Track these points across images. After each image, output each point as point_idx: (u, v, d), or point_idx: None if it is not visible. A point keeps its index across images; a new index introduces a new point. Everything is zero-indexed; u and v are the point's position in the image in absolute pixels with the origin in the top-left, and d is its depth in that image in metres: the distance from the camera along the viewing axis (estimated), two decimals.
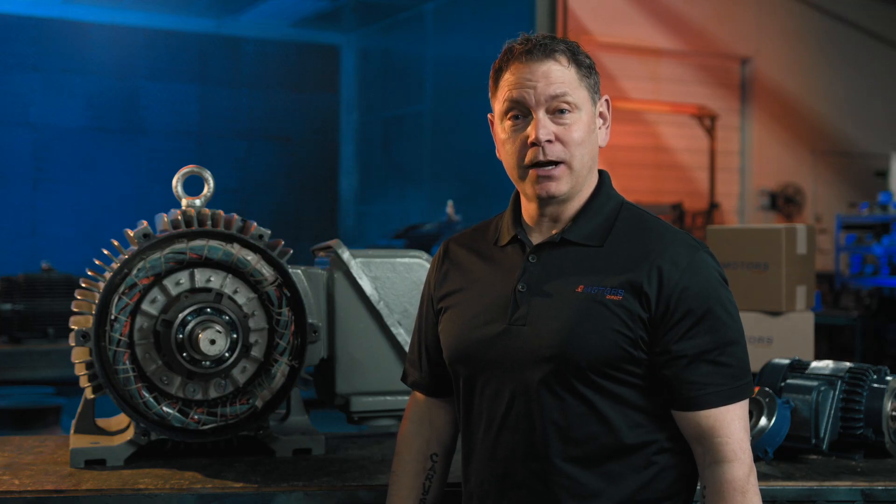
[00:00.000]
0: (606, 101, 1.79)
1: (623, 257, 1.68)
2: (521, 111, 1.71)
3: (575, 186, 1.72)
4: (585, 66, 1.73)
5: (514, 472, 1.69)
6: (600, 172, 1.81)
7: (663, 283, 1.64)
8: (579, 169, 1.71)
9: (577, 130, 1.70)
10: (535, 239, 1.76)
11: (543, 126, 1.68)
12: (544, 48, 1.70)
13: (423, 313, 1.91)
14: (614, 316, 1.63)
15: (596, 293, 1.65)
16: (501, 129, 1.75)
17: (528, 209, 1.78)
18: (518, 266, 1.74)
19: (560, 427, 1.65)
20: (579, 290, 1.66)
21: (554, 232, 1.75)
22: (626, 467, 1.66)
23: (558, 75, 1.70)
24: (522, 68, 1.71)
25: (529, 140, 1.69)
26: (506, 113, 1.73)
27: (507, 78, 1.73)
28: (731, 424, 1.64)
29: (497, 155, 1.82)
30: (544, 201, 1.73)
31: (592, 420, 1.64)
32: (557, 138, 1.69)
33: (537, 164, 1.69)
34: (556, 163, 1.69)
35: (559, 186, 1.70)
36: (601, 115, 1.77)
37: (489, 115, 1.83)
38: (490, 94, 1.79)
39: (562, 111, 1.69)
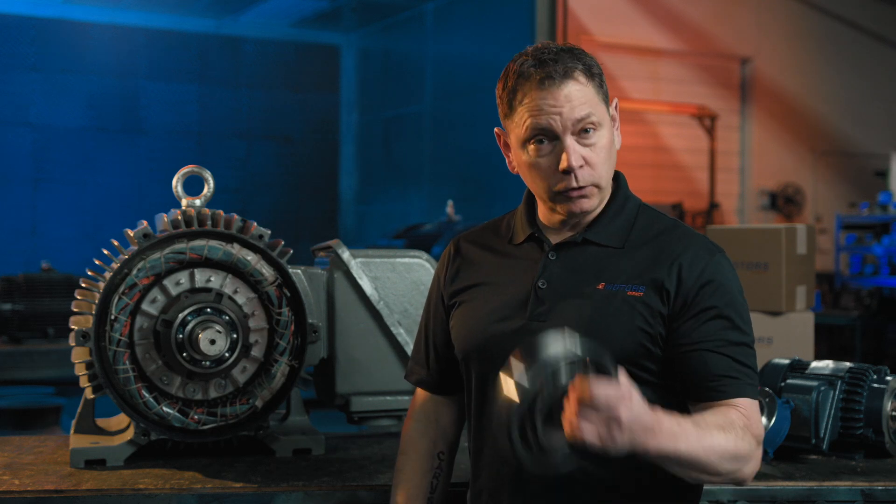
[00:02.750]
0: (615, 103, 1.80)
1: (643, 257, 1.70)
2: (547, 136, 1.69)
3: (602, 199, 1.76)
4: (598, 75, 1.73)
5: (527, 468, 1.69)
6: (617, 174, 1.82)
7: (682, 280, 1.66)
8: (606, 186, 1.75)
9: (602, 149, 1.71)
10: (553, 238, 1.78)
11: (574, 152, 1.68)
12: (563, 71, 1.68)
13: (432, 310, 1.91)
14: (635, 312, 1.65)
15: (617, 290, 1.67)
16: (524, 153, 1.73)
17: (546, 212, 1.79)
18: (536, 263, 1.75)
19: None
20: (600, 287, 1.68)
21: (574, 232, 1.76)
22: (641, 464, 1.66)
23: (580, 96, 1.68)
24: (543, 93, 1.68)
25: (562, 167, 1.69)
26: (529, 138, 1.71)
27: (526, 103, 1.69)
28: (749, 408, 1.64)
29: (510, 169, 1.81)
30: (575, 216, 1.75)
31: None
32: (586, 162, 1.70)
33: (571, 189, 1.70)
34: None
35: (591, 203, 1.73)
36: (612, 118, 1.78)
37: (496, 130, 1.82)
38: (501, 113, 1.76)
39: (587, 130, 1.69)
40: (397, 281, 2.53)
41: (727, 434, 1.56)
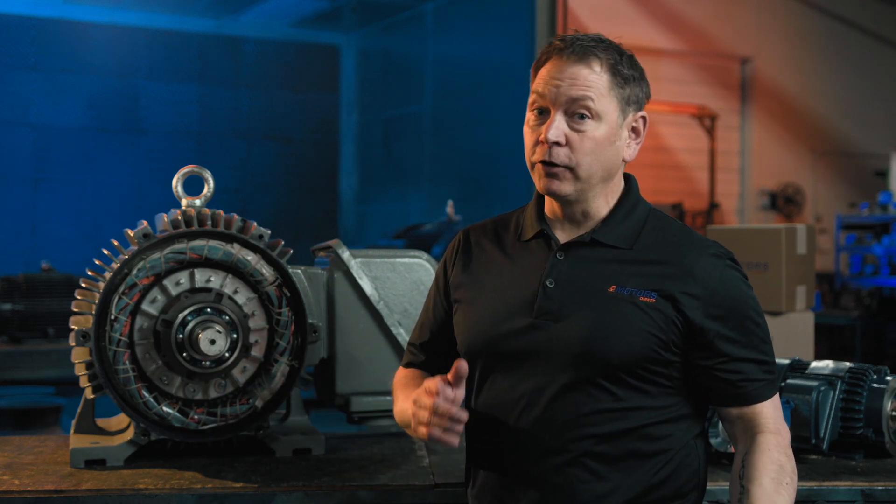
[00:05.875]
0: (643, 117, 1.78)
1: (655, 263, 1.70)
2: (542, 106, 1.72)
3: (583, 192, 1.73)
4: (623, 76, 1.72)
5: (532, 466, 1.68)
6: (628, 177, 1.81)
7: (697, 292, 1.67)
8: (586, 178, 1.71)
9: (589, 140, 1.69)
10: (561, 236, 1.76)
11: (556, 127, 1.68)
12: (581, 49, 1.70)
13: (434, 300, 1.90)
14: (647, 317, 1.65)
15: (629, 294, 1.67)
16: (527, 117, 1.76)
17: (552, 205, 1.79)
18: (543, 261, 1.74)
19: (582, 422, 1.65)
20: (611, 289, 1.68)
21: (583, 232, 1.75)
22: (645, 464, 1.67)
23: (585, 80, 1.69)
24: (554, 66, 1.71)
25: (540, 138, 1.70)
26: (532, 104, 1.74)
27: (542, 72, 1.73)
28: (776, 411, 1.73)
29: None
30: (556, 198, 1.74)
31: (615, 417, 1.66)
32: (568, 142, 1.69)
33: (543, 162, 1.71)
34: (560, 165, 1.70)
35: (562, 187, 1.71)
36: (634, 129, 1.76)
37: None
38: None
39: (581, 116, 1.69)
40: (397, 281, 2.53)
41: (783, 477, 1.66)
